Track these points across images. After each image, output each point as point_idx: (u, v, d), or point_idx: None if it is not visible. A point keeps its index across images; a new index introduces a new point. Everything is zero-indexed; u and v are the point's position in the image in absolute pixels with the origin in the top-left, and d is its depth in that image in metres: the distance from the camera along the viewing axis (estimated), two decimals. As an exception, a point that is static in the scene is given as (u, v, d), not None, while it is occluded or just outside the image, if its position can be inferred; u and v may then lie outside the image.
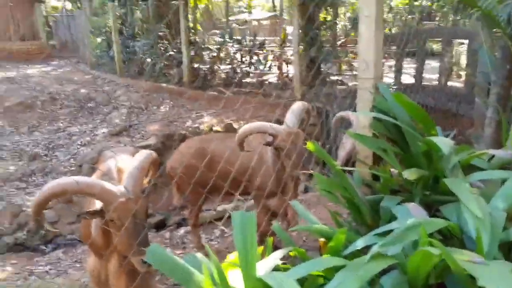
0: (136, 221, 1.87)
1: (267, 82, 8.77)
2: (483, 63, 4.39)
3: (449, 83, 7.23)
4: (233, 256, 1.78)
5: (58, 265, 4.13)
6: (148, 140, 6.89)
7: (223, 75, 9.11)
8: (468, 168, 2.31)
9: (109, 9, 9.89)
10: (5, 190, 5.88)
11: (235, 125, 7.30)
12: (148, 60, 10.02)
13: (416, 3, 15.64)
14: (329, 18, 8.11)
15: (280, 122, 2.92)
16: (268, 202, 3.01)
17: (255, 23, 25.40)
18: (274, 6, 28.74)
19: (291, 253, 1.76)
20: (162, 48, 9.66)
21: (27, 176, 6.11)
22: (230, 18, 24.41)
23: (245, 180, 2.96)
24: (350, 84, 8.53)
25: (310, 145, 2.21)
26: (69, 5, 20.84)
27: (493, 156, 2.46)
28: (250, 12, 26.55)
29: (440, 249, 1.19)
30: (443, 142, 1.99)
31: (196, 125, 7.65)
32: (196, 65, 9.10)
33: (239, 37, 9.17)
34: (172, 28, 9.88)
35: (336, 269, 1.48)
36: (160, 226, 5.57)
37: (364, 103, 2.69)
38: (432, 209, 2.14)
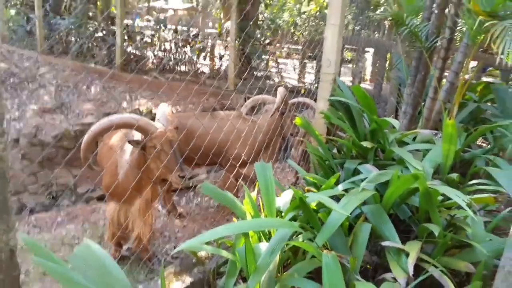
0: (171, 145, 2.39)
1: (199, 71, 9.21)
2: (397, 69, 5.49)
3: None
4: (253, 195, 2.37)
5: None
6: (86, 119, 6.92)
7: (155, 61, 9.32)
8: (400, 143, 3.19)
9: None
10: None
11: (173, 110, 7.65)
12: (73, 39, 9.76)
13: (326, 11, 17.21)
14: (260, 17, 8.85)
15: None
16: (242, 170, 3.60)
17: (171, 12, 25.24)
18: (191, -3, 28.71)
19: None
20: (91, 28, 9.50)
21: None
22: (146, 4, 23.94)
23: (219, 152, 3.52)
24: (276, 80, 9.38)
25: (298, 120, 2.87)
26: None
27: (415, 137, 3.39)
28: (166, 0, 26.25)
29: (416, 177, 1.93)
30: (393, 120, 2.80)
31: (131, 106, 7.81)
32: (128, 49, 9.16)
33: (172, 26, 9.44)
34: (99, 9, 9.78)
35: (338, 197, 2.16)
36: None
37: (325, 93, 3.43)
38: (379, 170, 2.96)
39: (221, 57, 8.95)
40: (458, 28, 3.89)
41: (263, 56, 9.40)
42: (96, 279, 1.50)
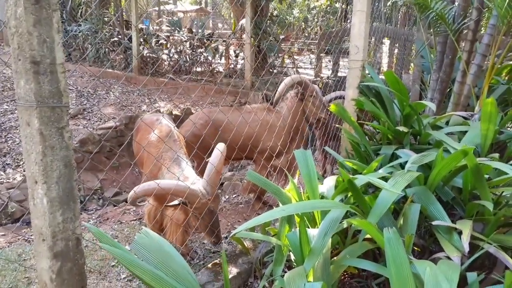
0: (211, 214, 2.41)
1: (215, 71, 9.26)
2: (419, 57, 5.43)
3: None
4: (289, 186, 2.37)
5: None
6: (108, 123, 7.01)
7: (171, 63, 9.39)
8: (434, 128, 3.17)
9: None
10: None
11: (192, 110, 7.70)
12: (90, 45, 9.89)
13: (336, 4, 17.15)
14: (275, 13, 8.87)
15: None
16: (275, 162, 3.60)
17: (181, 14, 25.42)
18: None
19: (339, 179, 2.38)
20: (107, 33, 9.62)
21: (-16, 157, 5.93)
22: (156, 8, 24.13)
23: (253, 145, 3.53)
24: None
25: (333, 106, 2.87)
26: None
27: (447, 121, 3.36)
28: (175, 3, 26.48)
29: (465, 153, 1.91)
30: (430, 103, 2.78)
31: (151, 109, 7.88)
32: (145, 52, 9.25)
33: (185, 28, 9.49)
34: (115, 13, 9.89)
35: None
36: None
37: (354, 80, 3.42)
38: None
39: (236, 55, 8.98)
40: (485, 9, 3.84)
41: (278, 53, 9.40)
42: (159, 263, 1.53)
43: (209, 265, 2.41)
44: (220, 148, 2.56)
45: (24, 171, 5.91)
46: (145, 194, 2.36)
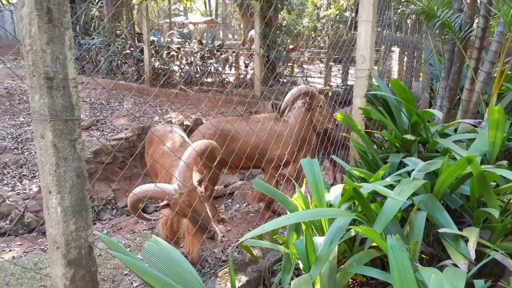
0: (194, 209, 2.33)
1: (226, 81, 9.35)
2: (428, 65, 5.43)
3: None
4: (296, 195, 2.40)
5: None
6: (121, 134, 7.13)
7: (182, 74, 9.52)
8: (442, 135, 3.17)
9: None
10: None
11: (203, 120, 7.79)
12: (103, 58, 10.09)
13: (346, 13, 17.22)
14: (284, 23, 8.98)
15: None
16: (283, 171, 3.64)
17: (191, 26, 25.78)
18: (209, 9, 29.33)
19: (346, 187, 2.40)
20: (119, 46, 9.81)
21: (1, 169, 6.07)
22: (167, 20, 24.52)
23: (260, 154, 3.57)
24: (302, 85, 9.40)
25: (339, 116, 2.90)
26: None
27: (455, 129, 3.36)
28: (186, 15, 26.87)
29: (470, 160, 1.93)
30: (437, 112, 2.79)
31: (163, 120, 8.00)
32: (156, 64, 9.40)
33: (196, 39, 9.63)
34: (126, 26, 10.08)
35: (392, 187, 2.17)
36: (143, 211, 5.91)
37: (361, 89, 3.45)
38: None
39: (246, 66, 9.07)
40: (492, 17, 3.84)
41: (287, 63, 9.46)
42: (168, 270, 1.57)
43: (219, 274, 2.45)
44: (194, 146, 2.56)
45: (39, 181, 6.02)
46: (134, 206, 2.38)
